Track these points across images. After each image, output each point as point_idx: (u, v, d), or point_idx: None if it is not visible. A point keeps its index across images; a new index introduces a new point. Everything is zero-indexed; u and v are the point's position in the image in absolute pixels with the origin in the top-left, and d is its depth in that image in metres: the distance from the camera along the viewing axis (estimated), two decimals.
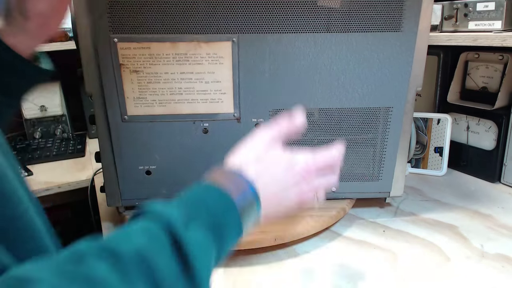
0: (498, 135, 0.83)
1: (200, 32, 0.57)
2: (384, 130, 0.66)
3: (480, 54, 0.86)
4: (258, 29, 0.58)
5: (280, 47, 0.59)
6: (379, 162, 0.68)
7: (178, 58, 0.58)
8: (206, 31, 0.57)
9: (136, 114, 0.61)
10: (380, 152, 0.68)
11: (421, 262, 0.59)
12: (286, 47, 0.59)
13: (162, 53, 0.57)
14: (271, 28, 0.58)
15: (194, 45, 0.57)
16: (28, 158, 1.10)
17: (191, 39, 0.57)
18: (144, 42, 0.57)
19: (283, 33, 0.58)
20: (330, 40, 0.59)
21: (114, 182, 0.64)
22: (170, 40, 0.57)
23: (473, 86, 0.89)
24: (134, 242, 0.29)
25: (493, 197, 0.79)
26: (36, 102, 1.25)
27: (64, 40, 1.17)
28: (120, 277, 0.26)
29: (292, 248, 0.63)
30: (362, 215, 0.73)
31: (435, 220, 0.71)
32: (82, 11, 0.55)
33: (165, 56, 0.58)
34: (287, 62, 0.60)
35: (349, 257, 0.60)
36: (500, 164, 0.84)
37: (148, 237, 0.29)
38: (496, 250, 0.61)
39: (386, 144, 0.67)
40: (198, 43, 0.57)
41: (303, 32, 0.58)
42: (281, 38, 0.58)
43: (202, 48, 0.58)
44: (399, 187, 0.70)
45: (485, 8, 0.76)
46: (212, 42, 0.57)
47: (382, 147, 0.67)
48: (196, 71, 0.59)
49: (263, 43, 0.58)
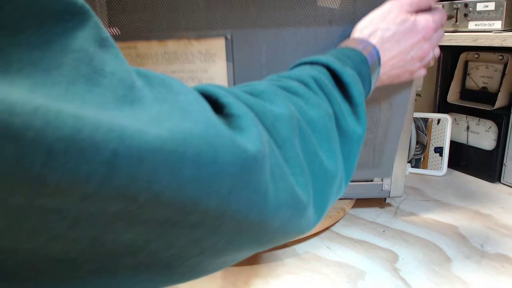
0: (498, 135, 0.83)
1: (190, 29, 0.54)
2: (384, 130, 0.66)
3: (480, 54, 0.86)
4: (253, 24, 0.54)
5: (278, 42, 0.56)
6: (379, 162, 0.68)
7: (168, 57, 0.56)
8: (196, 27, 0.54)
9: None
10: (380, 152, 0.68)
11: (421, 262, 0.59)
12: (284, 42, 0.56)
13: (150, 52, 0.55)
14: (268, 23, 0.54)
15: (184, 43, 0.55)
16: None
17: (181, 36, 0.54)
18: (130, 41, 0.54)
19: (281, 27, 0.55)
20: (331, 33, 0.56)
21: None
22: (158, 38, 0.54)
23: (473, 86, 0.89)
24: (309, 73, 0.36)
25: (493, 197, 0.79)
26: None
27: None
28: (310, 91, 0.34)
29: (292, 248, 0.63)
30: (362, 215, 0.73)
31: (435, 220, 0.71)
32: None
33: (153, 55, 0.55)
34: (285, 57, 0.57)
35: (349, 257, 0.60)
36: (500, 164, 0.84)
37: (316, 71, 0.37)
38: (496, 250, 0.61)
39: (386, 144, 0.67)
40: (189, 40, 0.55)
41: (303, 26, 0.55)
42: (279, 32, 0.55)
43: (193, 46, 0.55)
44: (399, 187, 0.70)
45: (485, 8, 0.76)
46: (203, 39, 0.55)
47: (382, 147, 0.67)
48: (188, 70, 0.56)
49: (259, 38, 0.55)
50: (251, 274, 0.57)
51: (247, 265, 0.59)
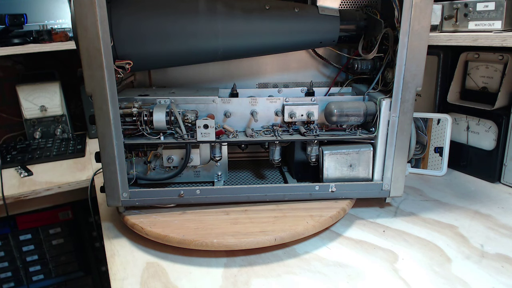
0: (498, 135, 0.83)
1: None
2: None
3: (480, 54, 0.86)
4: None
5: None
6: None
7: None
8: None
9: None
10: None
11: (421, 262, 0.59)
12: None
13: None
14: None
15: None
16: (28, 158, 1.10)
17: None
18: None
19: None
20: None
21: (114, 182, 0.64)
22: None
23: (473, 86, 0.89)
24: None
25: (493, 197, 0.79)
26: (36, 102, 1.25)
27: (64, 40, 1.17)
28: None
29: (292, 248, 0.63)
30: (362, 215, 0.73)
31: (435, 220, 0.71)
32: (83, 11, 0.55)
33: None
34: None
35: (349, 257, 0.60)
36: (500, 164, 0.84)
37: None
38: (496, 250, 0.61)
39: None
40: None
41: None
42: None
43: None
44: (399, 187, 0.70)
45: (485, 8, 0.76)
46: None
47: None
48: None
49: None
50: (251, 274, 0.57)
51: (247, 265, 0.59)
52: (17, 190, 0.93)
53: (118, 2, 0.61)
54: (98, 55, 0.57)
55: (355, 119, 0.67)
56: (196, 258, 0.61)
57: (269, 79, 0.82)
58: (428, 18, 0.59)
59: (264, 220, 0.64)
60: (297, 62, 0.81)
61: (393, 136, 0.66)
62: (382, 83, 0.70)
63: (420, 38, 0.61)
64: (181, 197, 0.67)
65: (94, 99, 0.59)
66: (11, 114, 1.36)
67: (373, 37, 0.70)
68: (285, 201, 0.70)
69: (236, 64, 0.80)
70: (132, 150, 0.68)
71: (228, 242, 0.59)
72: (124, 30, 0.61)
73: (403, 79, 0.63)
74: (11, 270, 1.24)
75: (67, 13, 1.28)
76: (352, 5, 0.74)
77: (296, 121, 0.69)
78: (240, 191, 0.68)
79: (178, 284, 0.55)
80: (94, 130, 1.25)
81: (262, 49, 0.70)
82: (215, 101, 0.67)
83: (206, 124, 0.64)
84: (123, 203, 0.66)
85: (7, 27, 1.11)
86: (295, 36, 0.69)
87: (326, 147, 0.69)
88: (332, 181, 0.70)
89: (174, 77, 0.80)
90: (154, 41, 0.63)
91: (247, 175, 0.79)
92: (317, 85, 0.82)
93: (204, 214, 0.67)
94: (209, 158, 0.71)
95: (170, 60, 0.68)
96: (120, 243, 0.65)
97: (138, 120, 0.64)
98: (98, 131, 0.61)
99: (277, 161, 0.71)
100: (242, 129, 0.70)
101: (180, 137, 0.65)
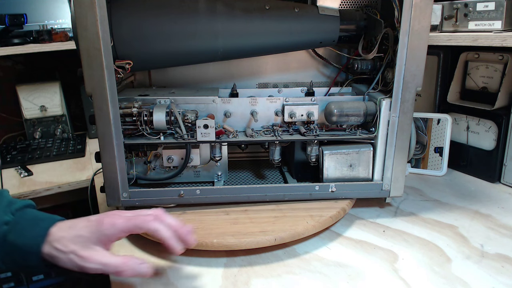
0: (498, 135, 0.83)
1: None
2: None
3: (480, 54, 0.86)
4: None
5: None
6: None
7: None
8: None
9: None
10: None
11: (421, 262, 0.59)
12: None
13: None
14: None
15: None
16: (28, 158, 1.10)
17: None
18: None
19: None
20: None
21: (114, 182, 0.64)
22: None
23: (473, 86, 0.89)
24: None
25: (493, 197, 0.79)
26: (36, 102, 1.25)
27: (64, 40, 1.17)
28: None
29: (292, 248, 0.63)
30: (362, 215, 0.73)
31: (435, 220, 0.71)
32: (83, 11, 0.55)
33: None
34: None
35: (349, 257, 0.60)
36: (500, 164, 0.84)
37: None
38: (496, 250, 0.61)
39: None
40: None
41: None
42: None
43: None
44: (399, 187, 0.70)
45: (485, 8, 0.76)
46: None
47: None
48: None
49: None
50: (251, 274, 0.57)
51: (247, 265, 0.59)
52: (17, 190, 0.93)
53: (118, 2, 0.61)
54: (98, 55, 0.57)
55: (355, 119, 0.67)
56: (196, 258, 0.61)
57: (269, 79, 0.82)
58: (428, 18, 0.59)
59: (264, 220, 0.64)
60: (297, 62, 0.82)
61: (393, 136, 0.67)
62: (382, 83, 0.70)
63: (420, 38, 0.61)
64: (181, 197, 0.67)
65: (94, 99, 0.59)
66: (11, 114, 1.36)
67: (373, 37, 0.70)
68: (285, 201, 0.70)
69: (236, 64, 0.80)
70: (132, 150, 0.68)
71: (228, 242, 0.59)
72: (124, 30, 0.61)
73: (403, 79, 0.63)
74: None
75: (67, 13, 1.27)
76: (352, 5, 0.74)
77: (296, 121, 0.69)
78: (240, 191, 0.68)
79: (178, 284, 0.55)
80: (94, 130, 1.25)
81: (262, 49, 0.70)
82: (215, 101, 0.67)
83: (206, 124, 0.64)
84: (123, 203, 0.66)
85: (7, 27, 1.11)
86: (295, 36, 0.69)
87: (326, 147, 0.69)
88: (332, 181, 0.70)
89: (174, 77, 0.80)
90: (154, 41, 0.63)
91: (247, 175, 0.79)
92: (317, 85, 0.82)
93: (204, 214, 0.67)
94: (209, 158, 0.71)
95: (170, 60, 0.68)
96: (120, 243, 0.65)
97: (138, 120, 0.64)
98: (98, 131, 0.61)
99: (277, 161, 0.71)
100: (242, 129, 0.70)
101: (180, 137, 0.65)
